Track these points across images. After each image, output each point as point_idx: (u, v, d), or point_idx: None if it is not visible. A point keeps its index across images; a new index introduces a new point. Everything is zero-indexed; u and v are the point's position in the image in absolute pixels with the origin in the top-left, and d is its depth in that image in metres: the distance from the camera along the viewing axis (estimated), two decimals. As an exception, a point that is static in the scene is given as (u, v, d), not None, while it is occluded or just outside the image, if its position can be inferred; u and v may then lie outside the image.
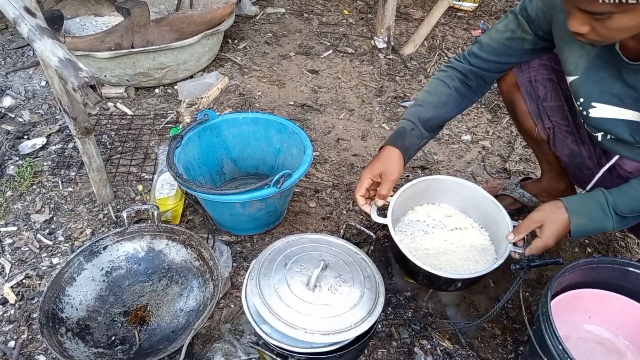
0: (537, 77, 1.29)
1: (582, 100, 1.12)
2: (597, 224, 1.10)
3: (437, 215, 1.42)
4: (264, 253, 1.13)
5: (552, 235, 1.12)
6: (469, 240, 1.35)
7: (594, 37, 0.90)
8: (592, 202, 1.11)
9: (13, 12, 1.17)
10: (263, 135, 1.67)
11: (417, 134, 1.30)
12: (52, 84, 1.36)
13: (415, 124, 1.30)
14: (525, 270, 1.11)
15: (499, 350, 1.30)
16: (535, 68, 1.29)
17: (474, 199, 1.37)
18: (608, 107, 1.08)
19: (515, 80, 1.32)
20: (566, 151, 1.34)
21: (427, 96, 1.33)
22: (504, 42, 1.24)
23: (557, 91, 1.30)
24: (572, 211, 1.11)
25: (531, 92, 1.32)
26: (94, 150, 1.54)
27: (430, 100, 1.32)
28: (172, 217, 1.59)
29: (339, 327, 0.97)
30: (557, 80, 1.28)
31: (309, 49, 2.73)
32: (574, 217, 1.10)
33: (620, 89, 1.03)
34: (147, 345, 1.23)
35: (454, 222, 1.40)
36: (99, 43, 2.18)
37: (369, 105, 2.30)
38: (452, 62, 1.35)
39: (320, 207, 1.73)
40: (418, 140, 1.31)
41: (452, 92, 1.31)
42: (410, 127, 1.29)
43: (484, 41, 1.27)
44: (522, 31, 1.20)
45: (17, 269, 1.47)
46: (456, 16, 3.11)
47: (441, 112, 1.32)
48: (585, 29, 0.89)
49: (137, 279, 1.38)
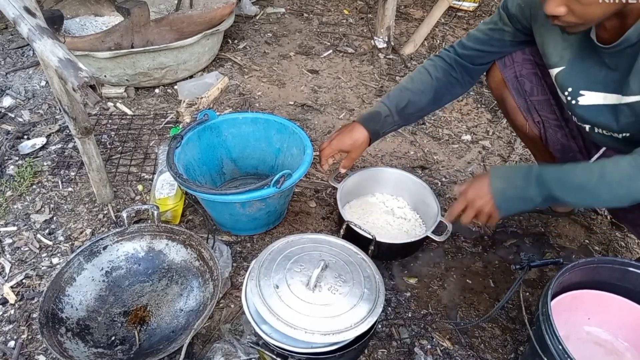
0: (522, 71, 1.32)
1: (570, 89, 1.13)
2: (518, 190, 1.06)
3: (377, 199, 1.68)
4: (264, 253, 1.13)
5: (474, 195, 1.11)
6: (402, 219, 1.62)
7: (571, 18, 0.91)
8: (517, 169, 1.11)
9: (13, 12, 1.17)
10: (263, 135, 1.67)
11: (390, 121, 1.37)
12: (52, 84, 1.36)
13: (391, 110, 1.36)
14: (525, 270, 1.12)
15: (499, 350, 1.30)
16: (520, 63, 1.31)
17: (409, 185, 1.64)
18: (595, 94, 1.09)
19: (502, 77, 1.35)
20: (558, 146, 1.36)
21: (408, 82, 1.37)
22: (486, 32, 1.28)
23: (543, 85, 1.32)
24: (494, 175, 1.10)
25: (518, 87, 1.34)
26: (94, 150, 1.54)
27: (410, 87, 1.36)
28: (172, 217, 1.59)
29: (339, 327, 0.97)
30: (542, 75, 1.31)
31: (309, 49, 2.73)
32: (494, 181, 1.09)
33: (606, 75, 1.05)
34: (147, 345, 1.23)
35: (391, 204, 1.66)
36: (99, 43, 2.18)
37: (369, 105, 2.30)
38: (440, 52, 1.38)
39: (320, 207, 1.73)
40: (390, 126, 1.38)
41: (432, 82, 1.34)
42: (386, 113, 1.36)
43: (471, 32, 1.33)
44: (502, 23, 1.24)
45: (17, 269, 1.47)
46: (456, 16, 3.11)
47: (418, 100, 1.35)
48: (562, 10, 0.90)
49: (137, 279, 1.38)
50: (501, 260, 1.56)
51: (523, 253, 1.58)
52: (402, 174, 1.64)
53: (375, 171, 1.66)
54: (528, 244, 1.62)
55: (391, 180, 1.66)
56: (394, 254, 1.51)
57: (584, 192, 0.99)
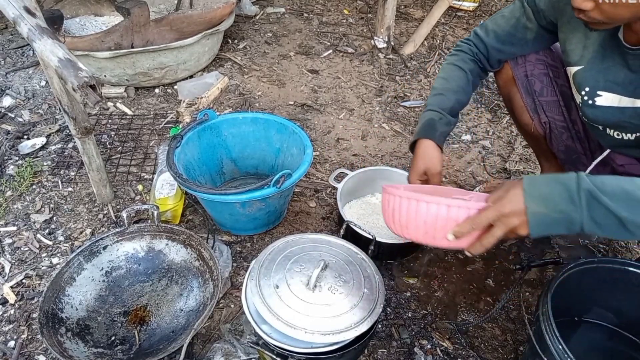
0: (533, 71, 1.30)
1: (587, 89, 1.12)
2: (560, 215, 0.82)
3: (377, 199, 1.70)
4: (264, 253, 1.13)
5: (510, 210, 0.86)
6: None
7: (597, 15, 0.89)
8: (558, 185, 0.84)
9: (13, 12, 1.17)
10: (263, 135, 1.67)
11: (446, 121, 1.29)
12: (52, 83, 1.36)
13: (442, 113, 1.28)
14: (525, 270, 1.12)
15: (499, 350, 1.30)
16: (532, 62, 1.30)
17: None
18: (612, 95, 1.08)
19: (512, 75, 1.33)
20: (562, 147, 1.36)
21: (445, 83, 1.32)
22: (508, 29, 1.24)
23: (553, 87, 1.31)
24: (529, 194, 0.85)
25: (527, 86, 1.32)
26: (94, 150, 1.54)
27: (450, 87, 1.31)
28: (172, 217, 1.59)
29: (339, 327, 0.97)
30: (553, 76, 1.30)
31: (309, 49, 2.73)
32: (530, 203, 0.84)
33: (626, 77, 1.04)
34: (147, 345, 1.23)
35: None
36: (99, 43, 2.18)
37: (369, 105, 2.30)
38: (459, 46, 1.35)
39: (320, 207, 1.73)
40: (447, 127, 1.30)
41: (468, 75, 1.31)
42: (438, 117, 1.28)
43: (489, 27, 1.28)
44: (526, 19, 1.20)
45: (17, 269, 1.47)
46: (456, 16, 3.11)
47: (461, 97, 1.32)
48: (589, 5, 0.88)
49: (137, 279, 1.38)
50: (501, 260, 1.56)
51: (523, 253, 1.58)
52: (402, 174, 1.63)
53: (375, 171, 1.66)
54: (528, 244, 1.62)
55: (391, 180, 1.66)
56: (394, 254, 1.51)
57: None
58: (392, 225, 1.02)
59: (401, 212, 0.97)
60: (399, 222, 0.98)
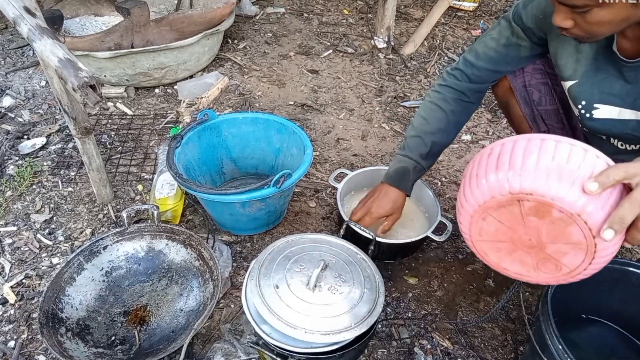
0: (531, 81, 1.29)
1: (583, 103, 1.11)
2: None
3: None
4: (264, 253, 1.13)
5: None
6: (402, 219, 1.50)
7: (578, 32, 0.90)
8: None
9: (13, 12, 1.17)
10: (263, 135, 1.67)
11: (419, 169, 1.34)
12: (52, 83, 1.36)
13: (417, 161, 1.32)
14: (525, 270, 1.11)
15: (499, 350, 1.30)
16: (530, 72, 1.29)
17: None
18: (609, 107, 1.07)
19: (510, 85, 1.31)
20: None
21: (424, 124, 1.31)
22: (500, 50, 1.20)
23: (552, 94, 1.29)
24: None
25: (525, 97, 1.31)
26: (94, 150, 1.54)
27: (428, 130, 1.31)
28: (172, 217, 1.59)
29: (339, 327, 0.97)
30: (552, 84, 1.28)
31: (309, 49, 2.73)
32: None
33: (622, 89, 1.03)
34: (147, 345, 1.23)
35: None
36: (99, 43, 2.18)
37: (369, 105, 2.30)
38: (445, 80, 1.31)
39: (320, 207, 1.73)
40: (419, 174, 1.36)
41: (449, 116, 1.29)
42: (413, 166, 1.33)
43: (479, 50, 1.24)
44: (517, 38, 1.17)
45: (17, 269, 1.47)
46: (456, 16, 3.11)
47: (441, 139, 1.32)
48: (568, 24, 0.89)
49: (137, 279, 1.38)
50: (501, 260, 1.56)
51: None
52: None
53: (375, 171, 1.66)
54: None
55: None
56: (394, 254, 1.51)
57: None
58: (494, 174, 0.81)
59: (530, 152, 0.79)
60: (516, 165, 0.78)
